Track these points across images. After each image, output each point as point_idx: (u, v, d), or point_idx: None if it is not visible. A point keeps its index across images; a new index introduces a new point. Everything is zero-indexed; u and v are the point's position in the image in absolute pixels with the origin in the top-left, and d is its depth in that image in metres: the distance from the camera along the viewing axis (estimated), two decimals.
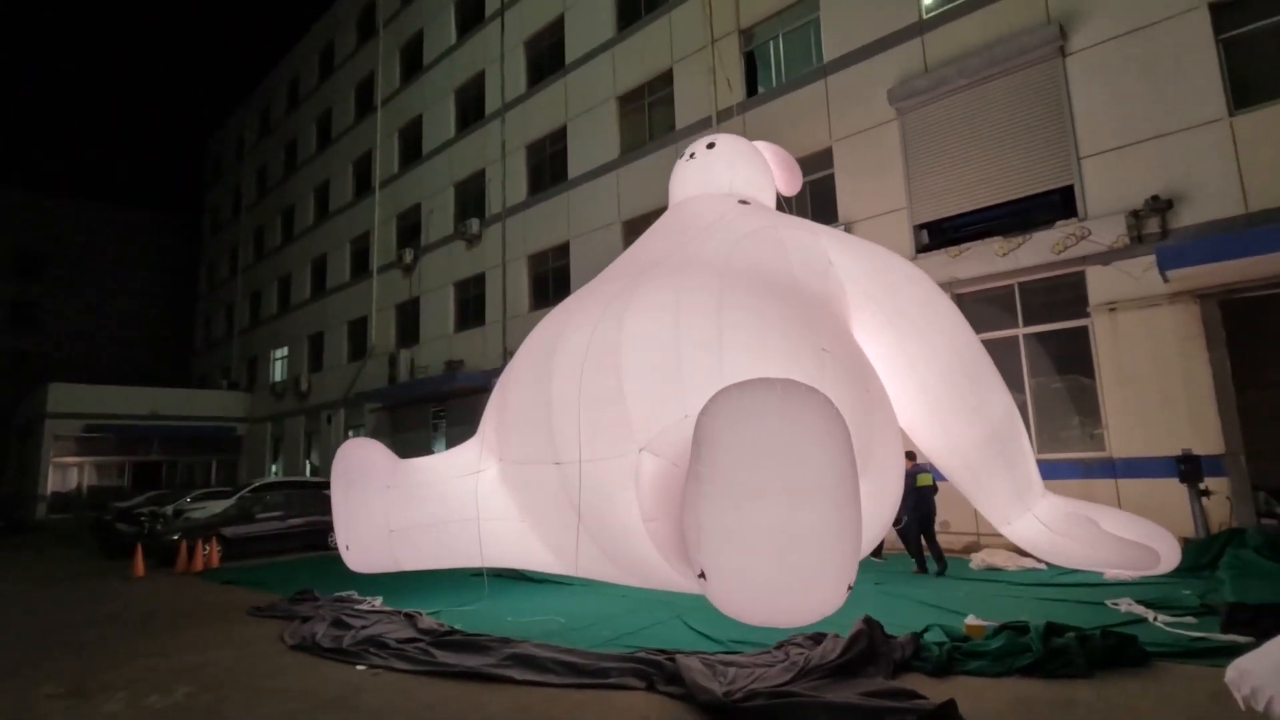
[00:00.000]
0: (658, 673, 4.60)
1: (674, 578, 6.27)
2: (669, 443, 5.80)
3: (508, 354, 17.03)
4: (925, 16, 11.04)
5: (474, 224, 18.71)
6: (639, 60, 15.37)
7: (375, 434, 21.45)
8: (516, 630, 6.31)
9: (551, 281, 16.98)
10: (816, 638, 4.94)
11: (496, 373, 17.18)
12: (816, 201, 12.18)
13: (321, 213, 26.97)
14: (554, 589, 8.37)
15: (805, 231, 8.11)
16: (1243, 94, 8.33)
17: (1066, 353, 9.44)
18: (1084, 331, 9.22)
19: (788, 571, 3.98)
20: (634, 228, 14.98)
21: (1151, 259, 8.41)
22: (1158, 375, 8.53)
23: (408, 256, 21.04)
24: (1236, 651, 4.15)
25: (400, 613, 6.97)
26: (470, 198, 19.86)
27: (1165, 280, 8.31)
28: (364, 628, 6.34)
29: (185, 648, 6.09)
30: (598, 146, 16.02)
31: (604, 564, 6.59)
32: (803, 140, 12.16)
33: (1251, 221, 8.01)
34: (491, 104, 19.21)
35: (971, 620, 5.25)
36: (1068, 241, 9.24)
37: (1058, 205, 9.59)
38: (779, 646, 4.95)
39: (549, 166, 17.54)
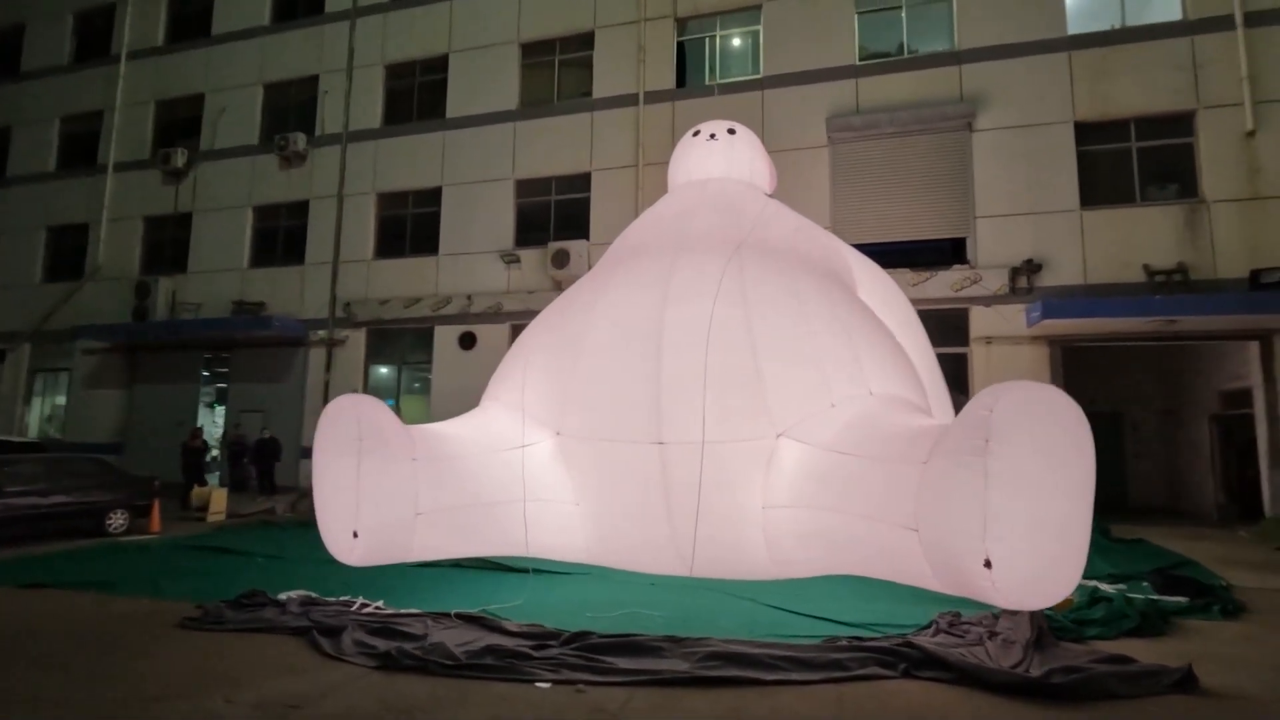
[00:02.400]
0: (903, 659, 4.61)
1: (758, 567, 6.24)
2: (816, 430, 5.76)
3: (339, 302, 14.48)
4: (860, 62, 12.42)
5: (298, 140, 15.36)
6: (553, 10, 14.31)
7: (94, 383, 16.32)
8: (609, 626, 5.63)
9: (411, 228, 14.83)
10: (954, 620, 5.42)
11: (320, 323, 14.48)
12: None
13: (8, 68, 19.38)
14: (556, 579, 7.52)
15: (827, 235, 8.62)
16: (1090, 194, 11.14)
17: (949, 374, 11.50)
18: (964, 358, 11.36)
19: (1057, 557, 4.38)
20: (531, 188, 13.98)
21: (1022, 308, 10.78)
22: None
23: (178, 159, 16.33)
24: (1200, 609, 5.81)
25: (449, 615, 5.67)
26: (291, 107, 16.24)
27: (1029, 326, 10.71)
28: (425, 636, 5.04)
29: (188, 686, 4.16)
30: (490, 91, 14.48)
31: (689, 550, 6.20)
32: None
33: (1088, 292, 10.77)
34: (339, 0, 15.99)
35: None
36: (963, 283, 11.28)
37: (958, 252, 11.64)
38: (947, 629, 5.30)
39: (418, 97, 15.26)
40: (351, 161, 15.20)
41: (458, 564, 7.69)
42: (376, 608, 6.01)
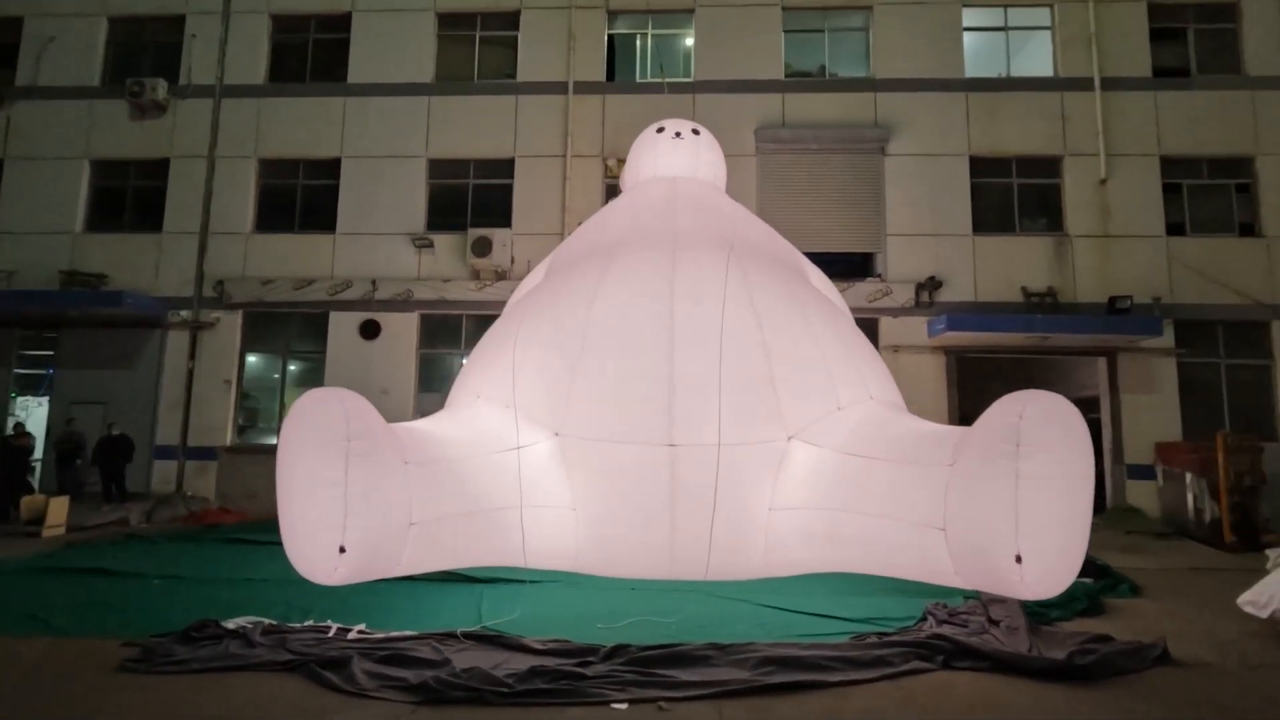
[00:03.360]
0: (938, 651, 4.85)
1: (754, 567, 6.31)
2: (827, 433, 5.91)
3: (208, 280, 12.68)
4: (786, 78, 12.97)
5: (157, 87, 13.12)
6: None
7: None
8: (624, 636, 5.43)
9: (302, 201, 13.23)
10: (951, 611, 5.85)
11: (183, 302, 12.50)
12: None
13: None
14: (529, 589, 7.08)
15: (784, 239, 8.89)
16: (980, 221, 12.48)
17: None
18: None
19: (1069, 549, 4.84)
20: (447, 169, 13.08)
21: (924, 320, 11.88)
22: (918, 403, 11.96)
23: None
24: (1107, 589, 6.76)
25: (454, 635, 5.15)
26: (147, 47, 13.85)
27: (930, 336, 11.83)
28: (445, 661, 4.55)
29: None
30: (401, 60, 13.31)
31: (692, 554, 6.10)
32: None
33: (978, 308, 12.08)
34: None
35: None
36: (876, 295, 12.18)
37: (864, 266, 12.53)
38: (948, 619, 5.68)
39: (312, 55, 13.65)
40: (227, 120, 13.28)
41: (410, 578, 7.01)
42: (360, 631, 5.33)
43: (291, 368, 13.02)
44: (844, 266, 12.48)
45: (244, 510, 11.71)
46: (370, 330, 12.47)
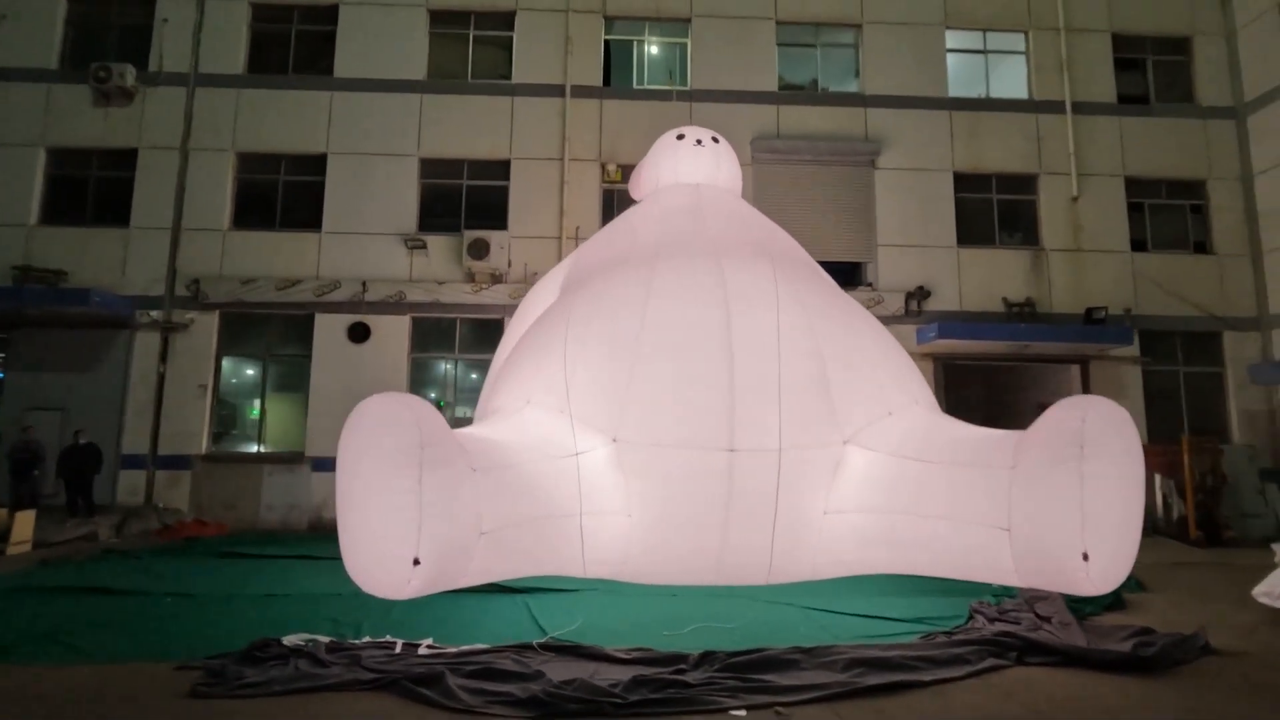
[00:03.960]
0: (1009, 648, 5.02)
1: (804, 570, 6.40)
2: (880, 437, 6.05)
3: (181, 278, 12.02)
4: (780, 90, 13.24)
5: (125, 73, 12.33)
6: None
7: None
8: (692, 643, 5.43)
9: (284, 198, 12.66)
10: (1001, 609, 6.08)
11: (153, 302, 11.76)
12: None
13: None
14: (571, 597, 6.96)
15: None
16: (964, 234, 13.02)
17: None
18: None
19: (1127, 546, 5.10)
20: (439, 169, 12.78)
21: (914, 328, 12.31)
22: None
23: None
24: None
25: (532, 647, 5.03)
26: (111, 30, 13.01)
27: (919, 344, 12.26)
28: (538, 673, 4.44)
29: None
30: (391, 56, 12.93)
31: (749, 559, 6.14)
32: None
33: (963, 317, 12.59)
34: None
35: None
36: (867, 303, 12.51)
37: (855, 274, 12.89)
38: (1000, 617, 5.89)
39: (296, 47, 13.10)
40: (202, 110, 12.60)
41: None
42: (429, 645, 5.14)
43: (273, 372, 12.42)
44: (835, 275, 12.75)
45: (223, 522, 11.11)
46: (359, 333, 12.02)
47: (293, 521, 11.49)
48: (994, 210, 13.22)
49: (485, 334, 12.39)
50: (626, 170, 12.78)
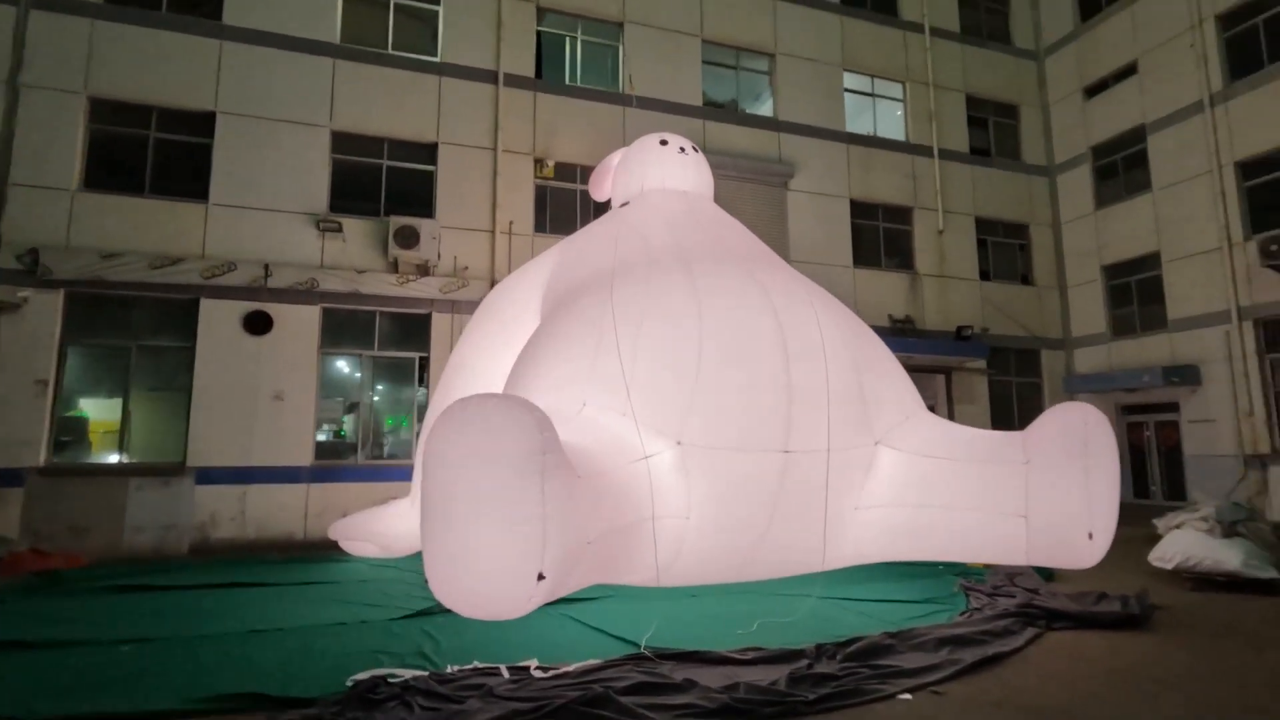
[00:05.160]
0: (1037, 617, 5.82)
1: (831, 561, 6.89)
2: (904, 438, 6.70)
3: (6, 245, 9.70)
4: (704, 105, 13.79)
5: None
6: None
7: None
8: (764, 638, 5.65)
9: (153, 159, 10.56)
10: (995, 585, 7.00)
11: None
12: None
13: None
14: (612, 602, 6.76)
15: None
16: (858, 256, 14.52)
17: None
18: None
19: (1112, 524, 6.17)
20: (355, 145, 11.56)
21: None
22: None
23: None
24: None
25: (647, 657, 4.88)
26: None
27: None
28: (691, 683, 4.38)
29: None
30: (298, 9, 11.39)
31: (801, 555, 6.44)
32: (597, 152, 12.70)
33: None
34: None
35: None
36: None
37: None
38: (994, 593, 6.76)
39: None
40: (41, 38, 10.12)
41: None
42: (538, 667, 4.77)
43: (141, 366, 10.29)
44: None
45: (76, 553, 9.02)
46: (259, 324, 10.43)
47: (169, 545, 9.64)
48: (880, 236, 14.93)
49: (411, 330, 11.39)
50: (562, 169, 12.55)
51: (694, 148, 9.20)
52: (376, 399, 11.42)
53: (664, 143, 9.10)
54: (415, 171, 11.82)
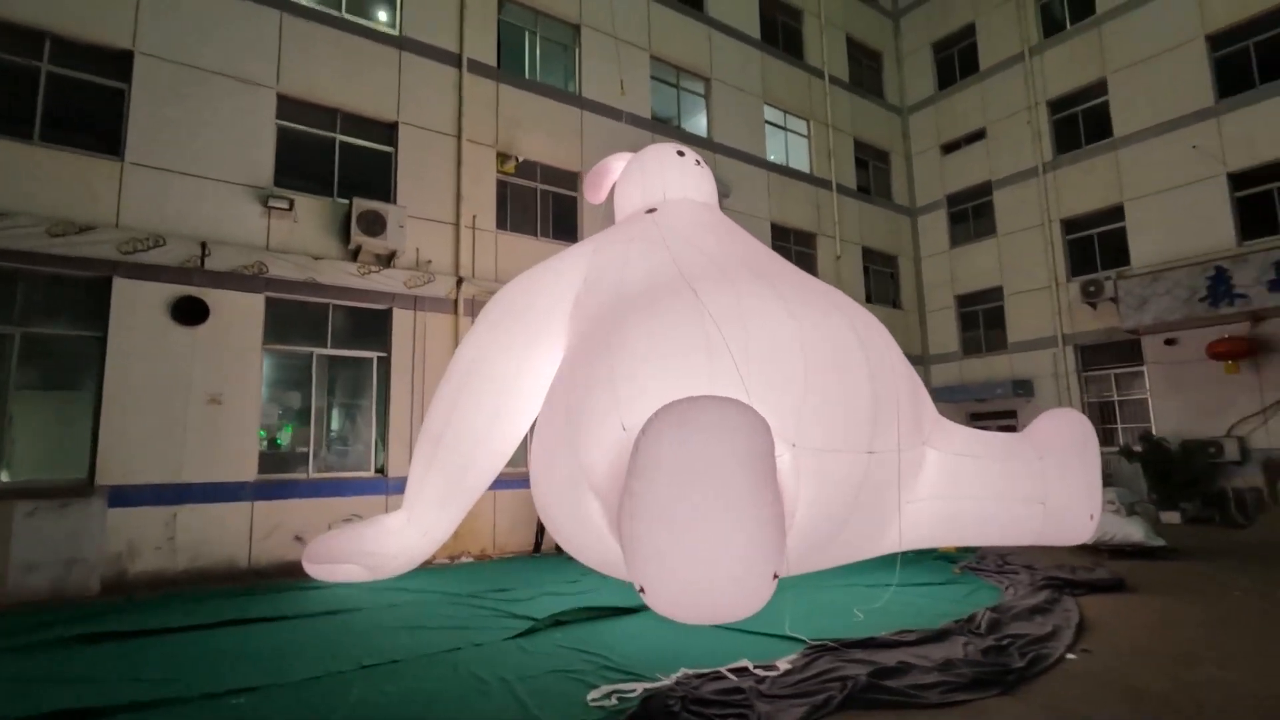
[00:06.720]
0: (1063, 588, 6.96)
1: (881, 549, 7.62)
2: (942, 439, 7.62)
3: None
4: (652, 119, 14.12)
5: None
6: None
7: None
8: (880, 621, 6.21)
9: (46, 95, 8.38)
10: (999, 565, 8.15)
11: None
12: (559, 219, 12.57)
13: None
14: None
15: None
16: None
17: None
18: None
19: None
20: (304, 114, 10.25)
21: None
22: None
23: None
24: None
25: (835, 648, 5.13)
26: None
27: None
28: (907, 667, 4.75)
29: None
30: None
31: (872, 544, 7.03)
32: (557, 152, 12.50)
33: None
34: None
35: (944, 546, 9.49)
36: None
37: None
38: (997, 571, 7.89)
39: None
40: None
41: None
42: (755, 666, 4.82)
43: (29, 358, 8.06)
44: None
45: None
46: (190, 312, 8.74)
47: (73, 584, 7.69)
48: (793, 258, 16.31)
49: (369, 326, 10.24)
50: (525, 166, 12.13)
51: (696, 161, 9.52)
52: (330, 403, 10.08)
53: (682, 154, 9.31)
54: (372, 152, 10.69)
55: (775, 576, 4.46)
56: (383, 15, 11.14)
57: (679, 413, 4.36)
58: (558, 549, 10.33)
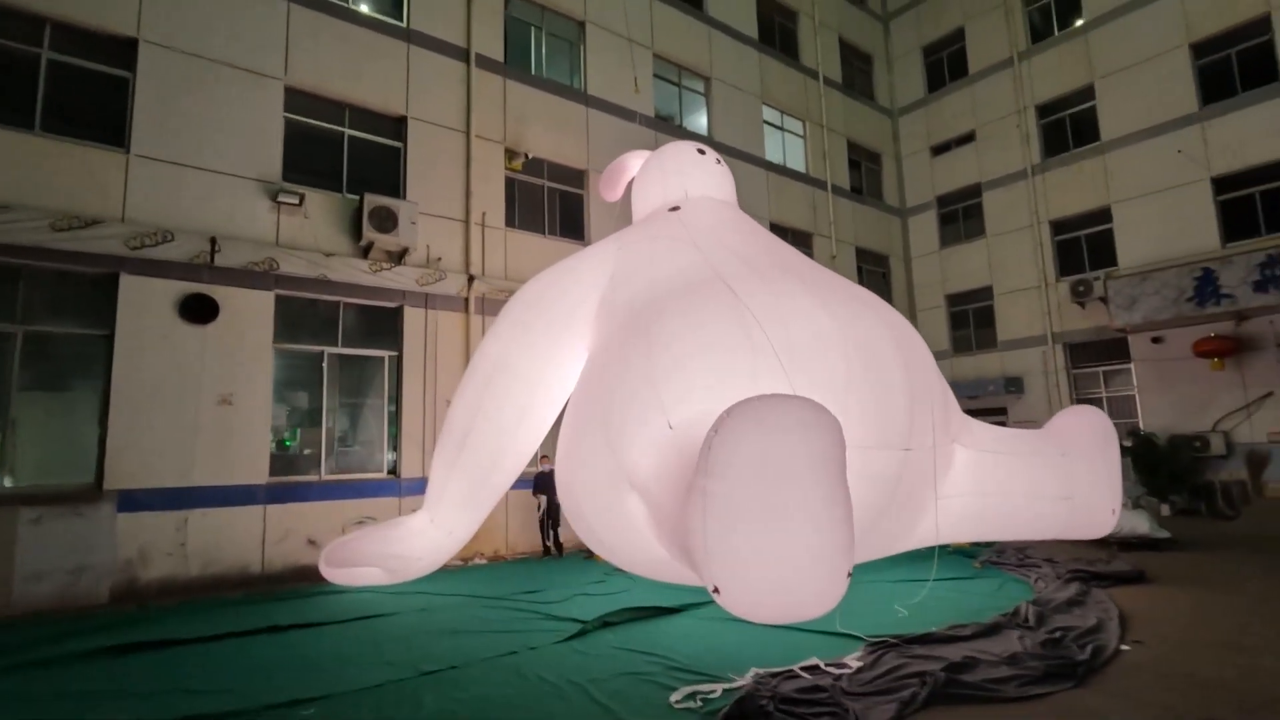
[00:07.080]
0: (1095, 581, 7.12)
1: (914, 542, 7.73)
2: (969, 436, 7.73)
3: None
4: (656, 117, 14.09)
5: None
6: None
7: None
8: (917, 621, 6.29)
9: (47, 83, 8.03)
10: (1020, 559, 8.30)
11: None
12: (566, 217, 12.47)
13: None
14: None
15: None
16: None
17: None
18: None
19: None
20: (312, 108, 10.03)
21: None
22: None
23: None
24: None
25: (898, 644, 5.17)
26: None
27: None
28: (974, 662, 4.81)
29: None
30: None
31: (911, 538, 7.12)
32: (564, 149, 12.40)
33: None
34: None
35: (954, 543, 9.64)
36: None
37: None
38: (1018, 565, 8.04)
39: None
40: None
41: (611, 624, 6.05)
42: (826, 664, 4.83)
43: (31, 358, 7.70)
44: None
45: None
46: (200, 309, 8.46)
47: (81, 593, 7.40)
48: None
49: (380, 324, 10.03)
50: (532, 163, 12.01)
51: (717, 160, 9.52)
52: (342, 404, 9.84)
53: (703, 152, 9.30)
54: (381, 146, 10.47)
55: (849, 575, 4.46)
56: (389, 8, 10.91)
57: (755, 412, 4.34)
58: (560, 549, 10.24)
